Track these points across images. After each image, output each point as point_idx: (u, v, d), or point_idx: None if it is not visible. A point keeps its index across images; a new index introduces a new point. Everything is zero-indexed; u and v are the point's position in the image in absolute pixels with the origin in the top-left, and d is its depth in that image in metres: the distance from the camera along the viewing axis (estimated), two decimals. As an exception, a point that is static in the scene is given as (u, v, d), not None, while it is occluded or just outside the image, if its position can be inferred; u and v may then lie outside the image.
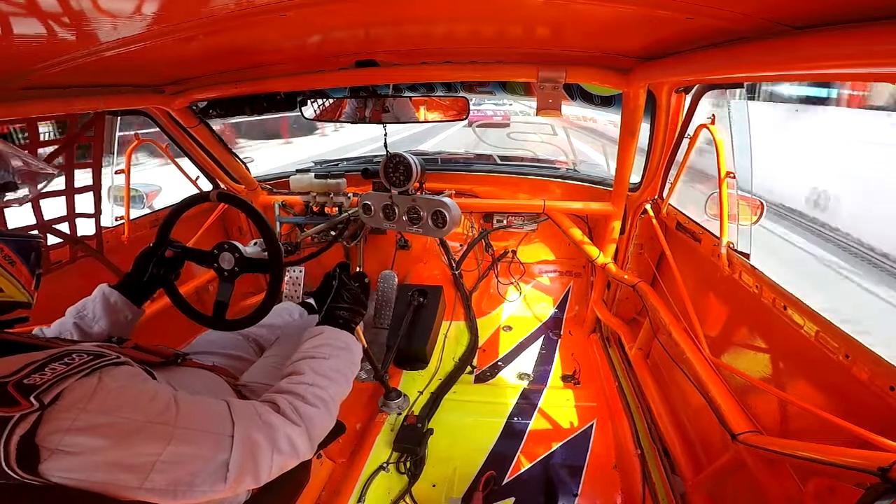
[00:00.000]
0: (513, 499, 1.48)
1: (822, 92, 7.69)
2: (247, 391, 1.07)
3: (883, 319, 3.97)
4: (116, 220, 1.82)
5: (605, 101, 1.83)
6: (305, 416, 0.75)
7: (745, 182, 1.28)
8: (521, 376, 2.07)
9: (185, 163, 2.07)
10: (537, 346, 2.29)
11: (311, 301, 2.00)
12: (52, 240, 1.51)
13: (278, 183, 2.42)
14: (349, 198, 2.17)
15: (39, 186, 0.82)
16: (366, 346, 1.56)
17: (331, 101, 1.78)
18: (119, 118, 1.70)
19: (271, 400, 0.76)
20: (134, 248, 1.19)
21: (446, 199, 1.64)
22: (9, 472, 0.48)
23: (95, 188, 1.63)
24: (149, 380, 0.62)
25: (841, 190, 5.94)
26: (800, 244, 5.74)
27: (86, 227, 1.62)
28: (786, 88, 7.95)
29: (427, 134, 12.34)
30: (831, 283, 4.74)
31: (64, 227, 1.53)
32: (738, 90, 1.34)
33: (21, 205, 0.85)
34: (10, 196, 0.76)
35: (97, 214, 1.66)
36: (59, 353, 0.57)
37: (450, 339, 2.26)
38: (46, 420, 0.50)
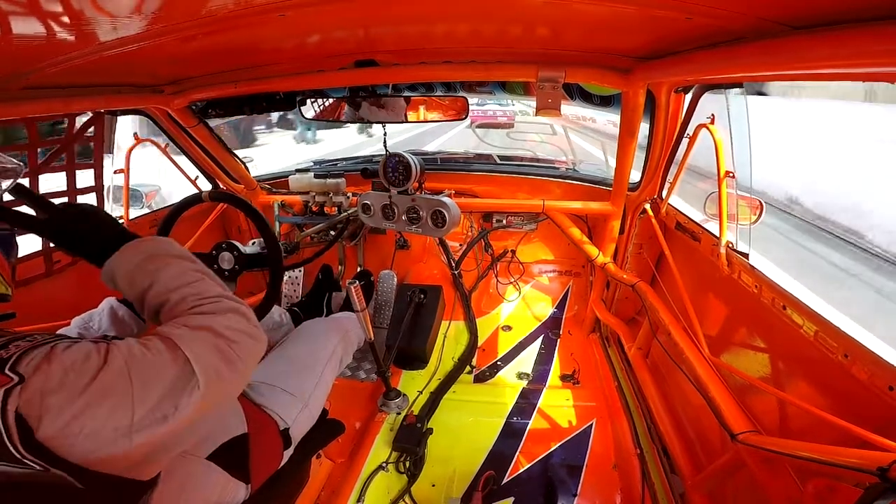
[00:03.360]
0: (512, 498, 1.48)
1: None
2: (247, 388, 1.08)
3: None
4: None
5: (605, 101, 1.83)
6: (218, 310, 0.70)
7: (744, 182, 1.28)
8: (520, 376, 2.07)
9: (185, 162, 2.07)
10: (536, 345, 2.29)
11: (297, 310, 2.00)
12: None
13: (277, 183, 2.42)
14: (348, 197, 2.17)
15: (6, 184, 0.79)
16: (371, 339, 1.55)
17: (330, 100, 1.78)
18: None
19: (181, 320, 0.68)
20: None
21: (446, 199, 1.64)
22: (13, 451, 0.49)
23: (97, 189, 1.62)
24: (85, 341, 0.61)
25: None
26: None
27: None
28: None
29: (430, 134, 12.34)
30: None
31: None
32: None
33: None
34: None
35: (98, 215, 1.65)
36: (21, 335, 0.58)
37: (449, 338, 2.26)
38: (23, 389, 0.50)
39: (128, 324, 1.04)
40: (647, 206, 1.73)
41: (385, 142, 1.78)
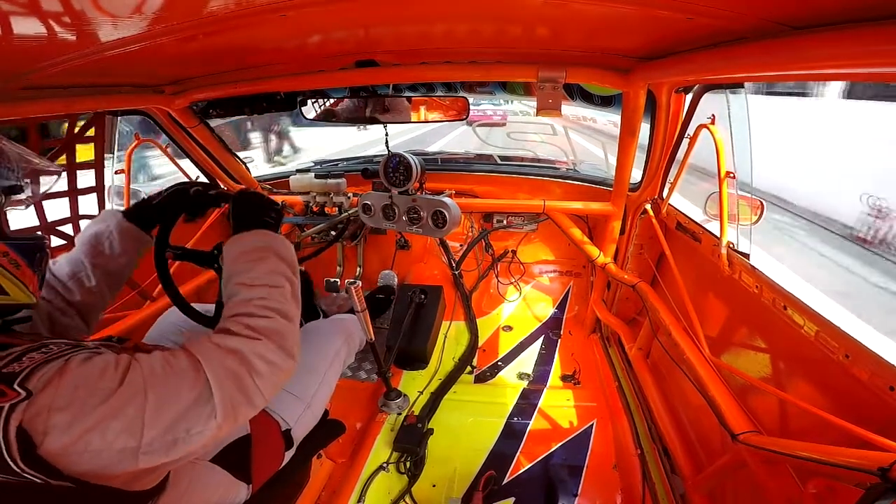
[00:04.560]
0: (513, 499, 1.48)
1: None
2: None
3: None
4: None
5: (605, 101, 1.83)
6: (262, 329, 0.71)
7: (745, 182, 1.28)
8: (521, 376, 2.07)
9: (185, 163, 2.07)
10: (537, 346, 2.29)
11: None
12: (55, 241, 1.50)
13: (278, 183, 2.42)
14: (349, 198, 2.17)
15: (45, 187, 0.81)
16: (372, 339, 1.55)
17: (331, 101, 1.79)
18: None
19: (223, 328, 0.72)
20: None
21: (446, 199, 1.64)
22: (12, 465, 0.49)
23: (98, 189, 1.62)
24: (107, 353, 0.61)
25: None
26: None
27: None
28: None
29: (432, 135, 12.32)
30: None
31: (67, 229, 1.53)
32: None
33: (27, 206, 0.85)
34: (16, 198, 0.76)
35: (99, 215, 1.65)
36: (37, 345, 0.57)
37: (450, 338, 2.26)
38: (29, 405, 0.50)
39: (136, 239, 0.99)
40: (648, 207, 1.73)
41: (386, 142, 1.78)
